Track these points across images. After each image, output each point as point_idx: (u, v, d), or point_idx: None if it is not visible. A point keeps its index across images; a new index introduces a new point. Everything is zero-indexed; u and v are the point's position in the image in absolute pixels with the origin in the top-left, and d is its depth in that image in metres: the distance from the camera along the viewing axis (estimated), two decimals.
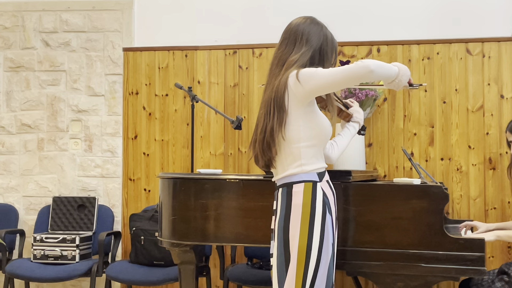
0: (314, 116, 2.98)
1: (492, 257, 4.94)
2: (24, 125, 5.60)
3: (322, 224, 2.90)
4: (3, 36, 5.66)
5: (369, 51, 5.18)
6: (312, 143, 2.97)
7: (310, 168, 2.96)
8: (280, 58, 3.05)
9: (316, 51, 3.02)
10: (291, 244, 2.90)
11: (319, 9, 5.15)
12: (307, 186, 2.94)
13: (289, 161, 2.98)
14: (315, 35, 3.03)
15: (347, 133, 3.33)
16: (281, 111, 2.94)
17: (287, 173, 2.98)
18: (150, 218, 4.97)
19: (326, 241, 2.90)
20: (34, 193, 5.57)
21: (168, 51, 5.48)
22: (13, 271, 4.82)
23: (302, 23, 3.07)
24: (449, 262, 3.23)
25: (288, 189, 2.97)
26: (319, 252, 2.89)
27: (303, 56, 2.99)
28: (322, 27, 3.08)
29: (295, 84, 2.90)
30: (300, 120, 2.95)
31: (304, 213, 2.90)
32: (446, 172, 5.03)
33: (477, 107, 5.01)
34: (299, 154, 2.96)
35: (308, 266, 2.87)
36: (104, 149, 5.51)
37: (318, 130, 2.98)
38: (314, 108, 3.01)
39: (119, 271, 4.76)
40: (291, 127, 2.95)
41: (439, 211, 3.26)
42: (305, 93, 2.90)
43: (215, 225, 3.54)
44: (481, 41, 5.03)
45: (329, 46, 3.06)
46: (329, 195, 3.00)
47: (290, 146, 2.96)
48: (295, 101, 2.93)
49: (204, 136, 5.37)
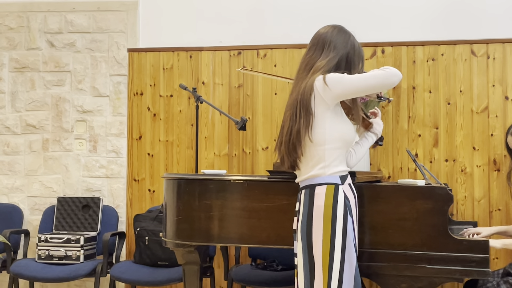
0: (339, 119, 3.05)
1: (497, 258, 4.94)
2: (29, 125, 5.61)
3: (344, 226, 2.95)
4: (8, 36, 5.68)
5: (374, 52, 5.18)
6: (336, 146, 3.03)
7: (333, 171, 3.01)
8: (308, 62, 3.13)
9: (343, 58, 3.09)
10: (314, 249, 2.95)
11: (324, 11, 5.16)
12: (329, 189, 2.98)
13: (313, 163, 3.03)
14: (343, 42, 3.12)
15: (365, 142, 3.35)
16: (308, 114, 3.00)
17: (310, 174, 3.03)
18: (154, 219, 4.98)
19: (348, 243, 2.95)
20: (39, 193, 5.58)
21: (172, 52, 5.49)
22: (17, 271, 4.83)
23: (331, 31, 3.16)
24: (453, 264, 3.23)
25: (311, 191, 3.01)
26: (342, 255, 2.93)
27: (330, 61, 3.06)
28: (350, 35, 3.17)
29: (323, 88, 2.97)
30: (326, 123, 3.00)
31: (326, 215, 2.95)
32: (451, 173, 5.02)
33: (482, 108, 5.01)
34: (324, 156, 3.01)
35: (332, 269, 2.92)
36: (109, 150, 5.52)
37: (342, 133, 3.04)
38: (339, 111, 3.07)
39: (123, 272, 4.77)
40: (317, 129, 3.01)
41: (443, 212, 3.26)
42: (332, 96, 2.97)
43: (219, 225, 3.54)
44: (485, 43, 5.03)
45: (356, 54, 3.14)
46: (350, 198, 3.05)
47: (316, 148, 3.01)
48: (321, 104, 2.99)
49: (208, 136, 5.37)
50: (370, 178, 3.96)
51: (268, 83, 5.29)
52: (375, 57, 5.16)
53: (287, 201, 3.37)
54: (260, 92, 5.32)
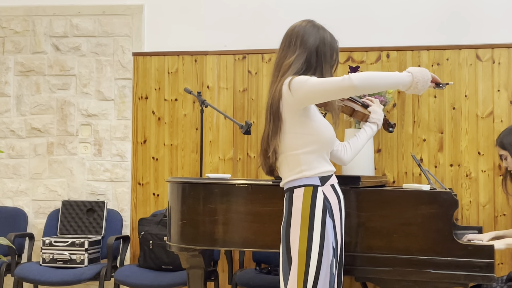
0: (311, 122, 2.95)
1: (501, 263, 4.92)
2: (34, 129, 5.62)
3: (322, 228, 2.89)
4: (14, 40, 5.69)
5: (379, 56, 5.18)
6: (312, 149, 2.95)
7: (311, 173, 2.95)
8: (277, 63, 3.03)
9: (312, 53, 2.98)
10: (292, 249, 2.91)
11: (329, 15, 5.15)
12: (307, 190, 2.93)
13: (290, 168, 2.97)
14: (311, 36, 2.99)
15: (363, 134, 3.29)
16: (277, 119, 2.94)
17: (289, 178, 2.99)
18: (158, 223, 4.98)
19: (326, 246, 2.89)
20: (44, 197, 5.59)
21: (177, 56, 5.49)
22: (22, 275, 4.83)
23: (298, 25, 3.06)
24: (458, 269, 3.22)
25: (290, 194, 2.98)
26: (320, 256, 2.87)
27: (297, 59, 2.96)
28: (319, 28, 3.04)
29: (287, 93, 2.88)
30: (297, 128, 2.93)
31: (303, 217, 2.90)
32: (456, 178, 5.01)
33: (487, 113, 5.00)
34: (299, 160, 2.95)
35: (309, 270, 2.87)
36: (113, 153, 5.53)
37: (316, 136, 2.95)
38: (311, 114, 2.97)
39: (127, 275, 4.77)
40: (287, 135, 2.95)
41: (448, 217, 3.26)
42: (295, 101, 2.88)
43: (224, 229, 3.54)
44: (491, 47, 5.02)
45: (327, 48, 3.01)
46: (331, 199, 2.97)
47: (289, 153, 2.96)
48: (289, 109, 2.91)
49: (213, 141, 5.37)
50: (375, 183, 3.95)
51: None
52: (380, 62, 5.15)
53: None
54: (265, 96, 5.32)
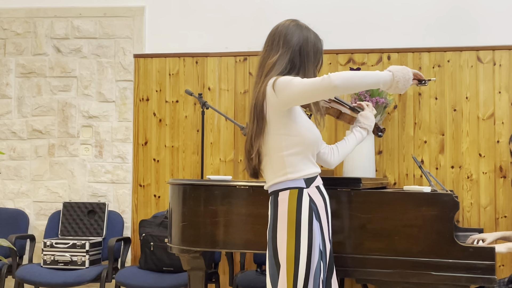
0: (295, 123, 2.90)
1: (503, 265, 4.92)
2: (35, 130, 5.62)
3: (309, 231, 2.86)
4: (15, 42, 5.70)
5: (380, 58, 5.18)
6: (297, 151, 2.90)
7: (296, 175, 2.90)
8: (261, 63, 2.99)
9: (295, 52, 2.93)
10: (279, 253, 2.88)
11: (330, 17, 5.16)
12: (292, 193, 2.89)
13: (274, 170, 2.93)
14: (294, 36, 2.95)
15: (352, 139, 3.22)
16: (260, 120, 2.90)
17: (273, 181, 2.94)
18: (159, 224, 4.98)
19: (313, 249, 2.86)
20: (45, 198, 5.59)
21: (178, 58, 5.50)
22: (23, 276, 4.83)
23: (282, 25, 3.02)
24: (459, 271, 3.22)
25: (275, 197, 2.94)
26: (308, 260, 2.84)
27: (280, 58, 2.92)
28: (303, 28, 3.00)
29: (271, 94, 2.85)
30: (281, 129, 2.89)
31: (290, 221, 2.86)
32: (457, 180, 5.01)
33: (488, 115, 5.00)
34: (283, 162, 2.90)
35: (298, 274, 2.84)
36: (115, 155, 5.53)
37: (301, 137, 2.90)
38: (296, 115, 2.92)
39: (128, 277, 4.77)
40: (271, 136, 2.90)
41: (449, 219, 3.25)
42: (279, 102, 2.84)
43: (225, 231, 3.54)
44: (492, 49, 5.02)
45: (310, 47, 2.96)
46: (317, 201, 2.93)
47: (273, 155, 2.92)
48: (272, 110, 2.87)
49: (214, 142, 5.38)
50: (376, 185, 3.95)
51: None
52: (381, 63, 5.15)
53: None
54: None
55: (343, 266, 3.22)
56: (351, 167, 4.71)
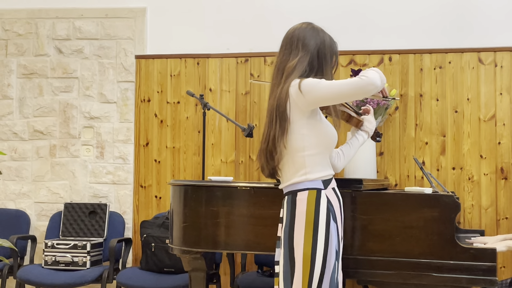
0: (318, 124, 2.98)
1: (504, 267, 4.92)
2: (37, 131, 5.63)
3: (326, 231, 2.90)
4: (17, 43, 5.70)
5: (381, 59, 5.18)
6: (317, 151, 2.97)
7: (315, 176, 2.96)
8: (279, 66, 3.06)
9: (314, 55, 3.01)
10: (296, 252, 2.91)
11: (331, 18, 5.16)
12: (311, 194, 2.94)
13: (294, 170, 2.98)
14: (311, 39, 3.03)
15: (355, 142, 3.29)
16: (284, 120, 2.95)
17: (292, 181, 2.99)
18: (161, 225, 4.98)
19: (330, 249, 2.90)
20: (46, 199, 5.60)
21: (180, 59, 5.50)
22: (24, 277, 4.84)
23: (298, 28, 3.09)
24: (460, 272, 3.22)
25: (293, 197, 2.97)
26: (324, 260, 2.88)
27: (300, 61, 2.99)
28: (319, 31, 3.08)
29: (297, 94, 2.91)
30: (304, 129, 2.95)
31: (308, 221, 2.90)
32: (458, 181, 5.01)
33: (489, 116, 5.00)
34: (304, 162, 2.96)
35: (313, 273, 2.87)
36: (116, 156, 5.53)
37: (322, 138, 2.98)
38: (318, 116, 3.01)
39: (129, 278, 4.77)
40: (294, 136, 2.96)
41: (450, 220, 3.25)
42: (307, 103, 2.91)
43: (226, 232, 3.55)
44: (493, 51, 5.02)
45: (327, 50, 3.05)
46: (334, 202, 2.99)
47: (294, 155, 2.97)
48: (297, 110, 2.94)
49: (215, 143, 5.38)
50: (377, 186, 3.95)
51: None
52: (383, 65, 5.15)
53: None
54: (267, 99, 5.30)
55: (344, 267, 3.22)
56: (353, 168, 4.71)
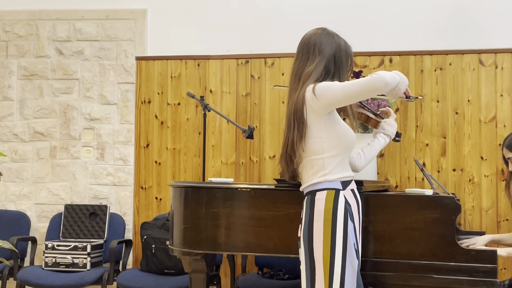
0: (336, 126, 3.03)
1: (504, 269, 4.91)
2: (37, 133, 5.63)
3: (344, 231, 2.93)
4: (17, 44, 5.70)
5: (381, 61, 5.18)
6: (336, 153, 3.02)
7: (334, 177, 3.01)
8: (296, 72, 3.12)
9: (330, 60, 3.07)
10: (315, 253, 2.94)
11: (332, 20, 5.15)
12: (329, 194, 2.97)
13: (313, 172, 3.02)
14: (327, 44, 3.09)
15: (377, 144, 3.35)
16: (301, 124, 3.00)
17: (311, 182, 3.03)
18: (161, 227, 4.98)
19: (349, 248, 2.93)
20: (46, 200, 5.60)
21: (180, 60, 5.50)
22: (24, 278, 4.83)
23: (314, 34, 3.14)
24: (461, 274, 3.21)
25: (312, 197, 3.01)
26: (343, 259, 2.91)
27: (317, 66, 3.05)
28: (334, 36, 3.13)
29: (312, 98, 2.96)
30: (322, 132, 3.00)
31: (326, 220, 2.94)
32: (458, 183, 5.01)
33: (490, 118, 5.00)
34: (323, 164, 3.00)
35: (334, 273, 2.90)
36: (116, 157, 5.53)
37: (341, 140, 3.03)
38: (335, 118, 3.06)
39: (130, 279, 4.77)
40: (312, 139, 3.01)
41: (451, 222, 3.25)
42: (322, 106, 2.96)
43: (226, 234, 3.54)
44: (493, 52, 5.02)
45: (343, 54, 3.11)
46: (352, 203, 3.03)
47: (313, 157, 3.02)
48: (313, 114, 2.99)
49: (215, 145, 5.38)
50: (378, 187, 3.95)
51: (276, 92, 5.29)
52: (383, 66, 5.15)
53: (294, 209, 3.36)
54: (267, 100, 5.33)
55: None
56: None
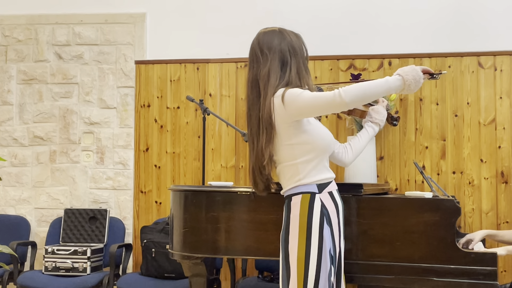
0: (306, 132, 2.94)
1: (505, 271, 4.91)
2: (37, 137, 5.63)
3: (320, 235, 2.88)
4: (17, 48, 5.71)
5: (381, 64, 5.18)
6: (310, 158, 2.94)
7: (309, 181, 2.94)
8: (252, 79, 3.01)
9: (282, 51, 2.99)
10: (290, 256, 2.91)
11: (331, 23, 5.17)
12: (304, 198, 2.93)
13: (289, 177, 2.97)
14: (273, 39, 3.02)
15: (365, 135, 3.26)
16: (269, 129, 2.92)
17: (288, 187, 2.99)
18: (161, 231, 4.97)
19: (324, 253, 2.88)
20: (46, 205, 5.59)
21: (179, 64, 5.50)
22: (24, 283, 4.83)
23: (255, 39, 3.08)
24: (461, 276, 3.21)
25: (288, 201, 2.98)
26: (318, 264, 2.86)
27: (272, 63, 2.96)
28: (275, 30, 3.08)
29: (280, 106, 2.88)
30: (292, 139, 2.92)
31: (301, 224, 2.89)
32: (458, 185, 5.01)
33: (489, 120, 5.00)
34: (297, 170, 2.94)
35: (307, 277, 2.86)
36: (116, 162, 5.53)
37: (313, 144, 2.94)
38: (304, 123, 2.95)
39: (130, 284, 4.76)
40: (282, 146, 2.94)
41: (451, 224, 3.25)
42: (287, 114, 2.87)
43: (226, 237, 3.54)
44: (493, 55, 5.02)
45: (293, 41, 3.04)
46: (329, 206, 2.95)
47: (287, 164, 2.96)
48: (281, 121, 2.90)
49: (215, 148, 5.38)
50: (377, 190, 3.95)
51: None
52: (382, 69, 5.16)
53: None
54: None
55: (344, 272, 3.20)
56: (353, 173, 4.71)
